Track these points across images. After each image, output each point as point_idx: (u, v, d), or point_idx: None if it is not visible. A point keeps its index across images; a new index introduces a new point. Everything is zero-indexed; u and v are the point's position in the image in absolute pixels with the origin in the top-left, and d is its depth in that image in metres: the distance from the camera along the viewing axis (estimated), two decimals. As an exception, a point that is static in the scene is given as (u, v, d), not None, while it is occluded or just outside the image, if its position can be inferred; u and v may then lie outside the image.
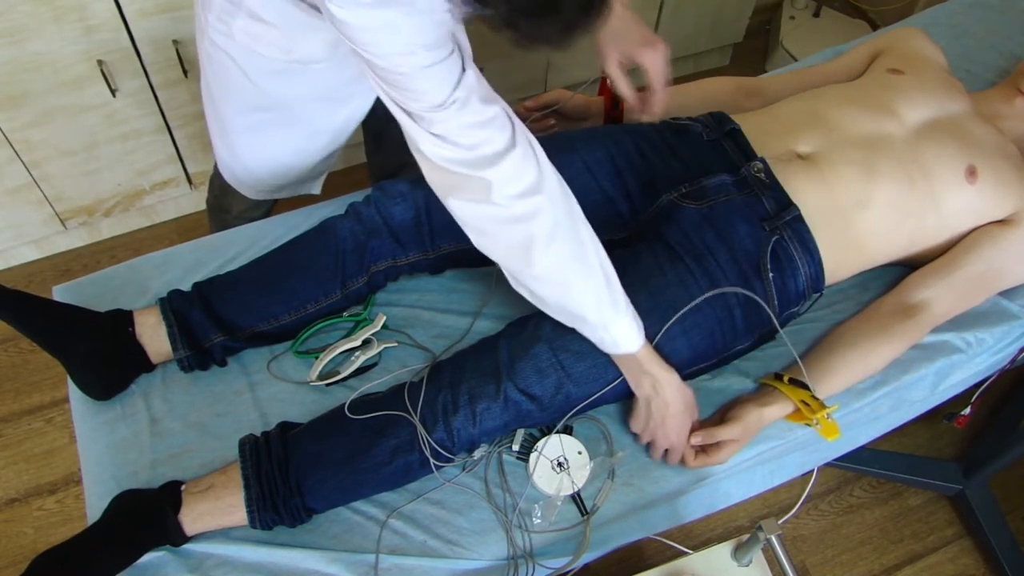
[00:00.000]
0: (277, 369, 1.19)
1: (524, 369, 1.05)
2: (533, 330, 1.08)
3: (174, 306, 1.14)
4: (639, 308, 1.07)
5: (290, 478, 1.03)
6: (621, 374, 1.06)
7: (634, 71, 1.17)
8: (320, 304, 1.17)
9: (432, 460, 1.04)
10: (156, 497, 1.02)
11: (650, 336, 1.06)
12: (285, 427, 1.09)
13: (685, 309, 1.07)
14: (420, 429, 1.03)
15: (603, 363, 1.06)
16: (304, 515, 1.04)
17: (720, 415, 1.14)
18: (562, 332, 1.06)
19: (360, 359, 1.17)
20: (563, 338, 1.06)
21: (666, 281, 1.09)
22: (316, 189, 1.40)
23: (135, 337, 1.13)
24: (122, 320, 1.13)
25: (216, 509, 1.02)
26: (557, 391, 1.05)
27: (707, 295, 1.08)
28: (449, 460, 1.06)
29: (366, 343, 1.19)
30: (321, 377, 1.16)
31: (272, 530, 1.04)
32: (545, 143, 1.23)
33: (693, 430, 1.10)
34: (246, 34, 1.04)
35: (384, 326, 1.20)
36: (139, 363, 1.14)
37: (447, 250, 1.21)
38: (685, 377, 1.15)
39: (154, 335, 1.13)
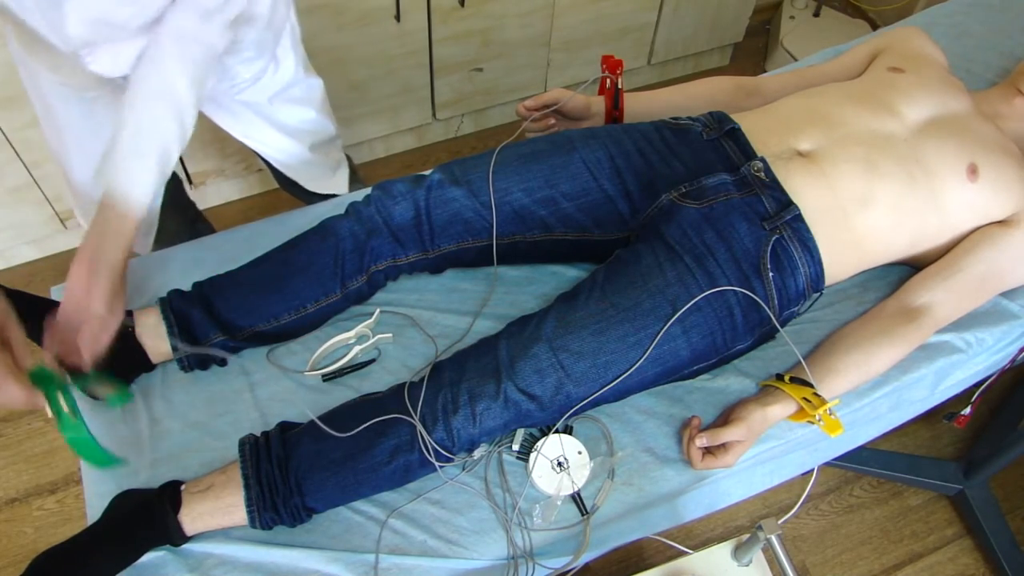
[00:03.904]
0: (274, 360, 1.19)
1: (524, 369, 1.05)
2: (533, 330, 1.09)
3: (174, 306, 1.14)
4: (640, 308, 1.07)
5: (290, 478, 1.03)
6: (621, 373, 1.06)
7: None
8: (320, 304, 1.17)
9: (433, 460, 1.04)
10: (156, 497, 1.02)
11: (651, 336, 1.06)
12: (285, 427, 1.09)
13: (684, 308, 1.07)
14: (420, 428, 1.03)
15: (603, 363, 1.06)
16: (304, 515, 1.04)
17: (723, 418, 1.14)
18: (562, 332, 1.06)
19: (355, 350, 1.17)
20: (563, 338, 1.06)
21: (666, 281, 1.09)
22: (144, 248, 1.34)
23: (135, 337, 1.13)
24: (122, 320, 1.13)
25: (216, 509, 1.02)
26: (557, 391, 1.05)
27: (706, 293, 1.08)
28: (449, 460, 1.06)
29: (362, 337, 1.19)
30: (321, 375, 1.17)
31: (272, 530, 1.04)
32: (545, 143, 1.24)
33: (692, 436, 1.10)
34: None
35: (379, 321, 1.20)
36: (139, 363, 1.14)
37: (447, 250, 1.21)
38: (685, 376, 1.15)
39: (154, 335, 1.13)
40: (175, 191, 1.32)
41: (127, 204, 0.99)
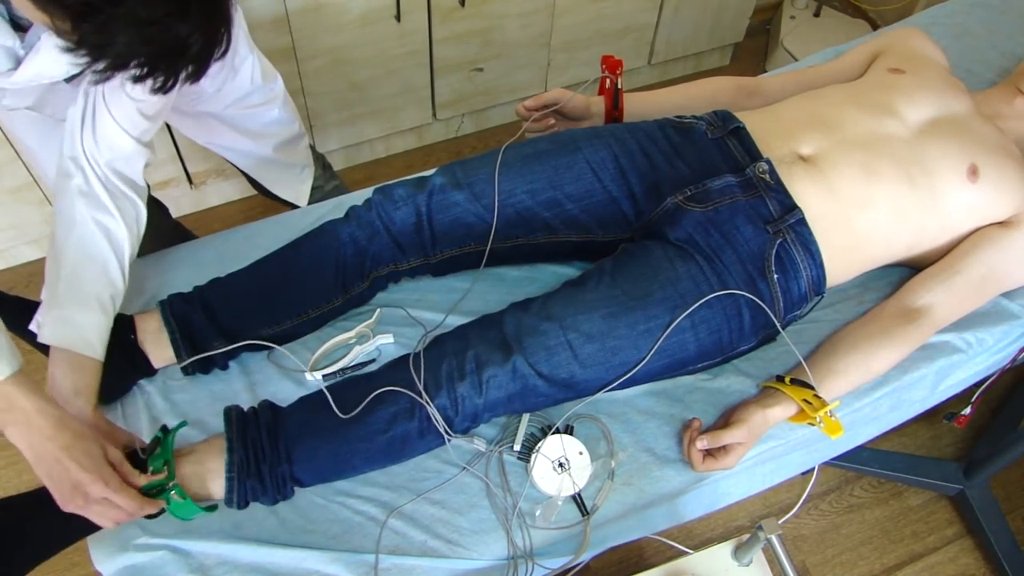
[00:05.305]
0: (274, 360, 1.19)
1: (532, 345, 1.04)
2: (540, 308, 1.09)
3: (175, 311, 1.13)
4: (651, 298, 1.07)
5: (279, 444, 1.01)
6: (628, 359, 1.06)
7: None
8: (322, 308, 1.17)
9: (438, 423, 1.03)
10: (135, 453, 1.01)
11: (661, 326, 1.06)
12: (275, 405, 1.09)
13: (697, 304, 1.07)
14: (422, 391, 1.02)
15: (611, 348, 1.06)
16: (289, 488, 1.03)
17: (724, 419, 1.14)
18: (572, 312, 1.06)
19: (355, 350, 1.18)
20: (574, 318, 1.06)
21: (677, 275, 1.09)
22: None
23: (138, 344, 1.12)
24: (124, 326, 1.12)
25: (197, 474, 1.01)
26: (563, 370, 1.05)
27: (719, 293, 1.08)
28: (449, 435, 1.05)
29: (362, 337, 1.19)
30: (319, 371, 1.17)
31: (247, 507, 1.03)
32: (548, 142, 1.24)
33: (693, 438, 1.09)
34: None
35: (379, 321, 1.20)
36: (141, 368, 1.14)
37: (449, 255, 1.21)
38: (688, 372, 1.15)
39: (157, 341, 1.13)
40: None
41: (83, 355, 1.01)
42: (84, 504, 0.90)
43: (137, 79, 0.76)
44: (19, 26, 0.92)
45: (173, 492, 0.97)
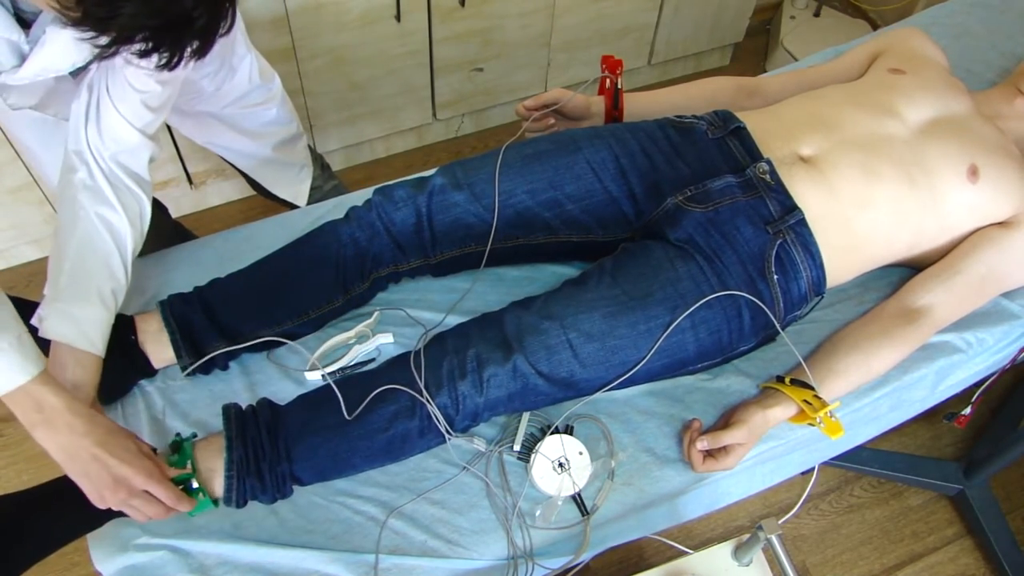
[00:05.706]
0: (274, 360, 1.19)
1: (533, 344, 1.05)
2: (541, 306, 1.09)
3: (175, 312, 1.13)
4: (652, 298, 1.07)
5: (279, 443, 1.01)
6: (628, 359, 1.06)
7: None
8: (322, 309, 1.17)
9: (439, 422, 1.03)
10: None
11: (661, 326, 1.06)
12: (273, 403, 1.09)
13: (697, 304, 1.07)
14: (423, 390, 1.02)
15: (611, 347, 1.06)
16: (289, 485, 1.03)
17: (724, 420, 1.14)
18: (573, 311, 1.06)
19: (355, 350, 1.18)
20: (574, 317, 1.06)
21: (677, 275, 1.09)
22: None
23: (138, 344, 1.12)
24: (124, 327, 1.12)
25: (196, 471, 1.01)
26: (564, 369, 1.05)
27: (719, 294, 1.08)
28: (449, 433, 1.05)
29: (362, 337, 1.19)
30: (318, 371, 1.17)
31: (246, 505, 1.03)
32: (549, 142, 1.24)
33: (693, 439, 1.09)
34: None
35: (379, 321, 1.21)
36: (142, 369, 1.14)
37: (449, 255, 1.21)
38: (688, 372, 1.15)
39: (157, 342, 1.12)
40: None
41: (83, 350, 1.00)
42: (127, 497, 0.90)
43: (142, 54, 0.75)
44: (24, 22, 0.92)
45: (200, 493, 0.99)
